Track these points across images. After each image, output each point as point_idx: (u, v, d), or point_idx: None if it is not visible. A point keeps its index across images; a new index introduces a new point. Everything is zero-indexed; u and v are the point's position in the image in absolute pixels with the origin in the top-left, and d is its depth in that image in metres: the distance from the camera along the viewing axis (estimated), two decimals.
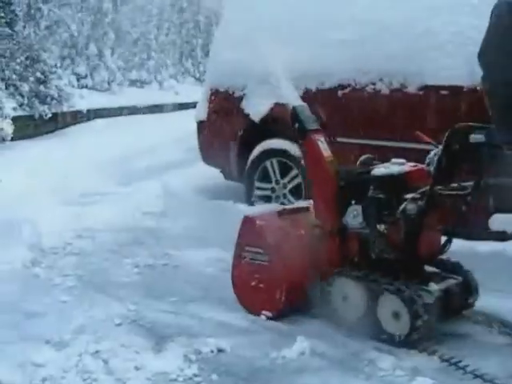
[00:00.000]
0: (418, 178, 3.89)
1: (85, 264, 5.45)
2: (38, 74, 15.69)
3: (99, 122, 17.24)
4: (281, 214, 4.42)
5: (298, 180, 5.94)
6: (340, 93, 5.69)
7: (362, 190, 3.99)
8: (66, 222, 6.43)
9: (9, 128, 12.64)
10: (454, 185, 3.79)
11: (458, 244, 4.28)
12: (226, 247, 4.83)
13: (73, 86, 19.90)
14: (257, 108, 5.84)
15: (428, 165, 3.85)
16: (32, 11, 23.06)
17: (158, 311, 4.38)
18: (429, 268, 4.08)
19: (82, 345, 3.74)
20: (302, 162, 5.62)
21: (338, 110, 5.67)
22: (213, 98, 6.75)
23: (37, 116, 14.93)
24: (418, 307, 3.65)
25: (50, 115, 15.31)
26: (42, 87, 15.59)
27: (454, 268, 4.12)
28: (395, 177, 3.92)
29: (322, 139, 4.31)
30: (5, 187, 7.39)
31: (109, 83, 22.53)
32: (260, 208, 4.84)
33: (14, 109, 13.73)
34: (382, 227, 3.94)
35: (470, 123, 3.59)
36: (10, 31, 16.67)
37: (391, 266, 3.91)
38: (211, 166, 7.46)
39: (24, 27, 20.31)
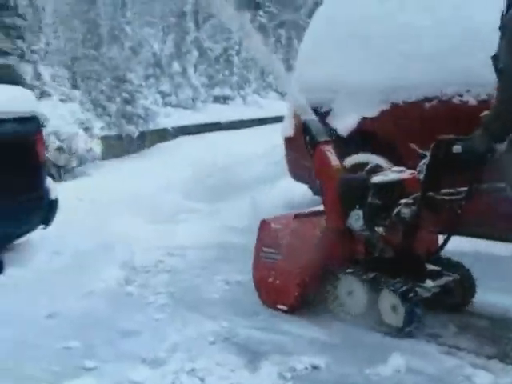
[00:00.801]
0: (412, 185, 4.25)
1: (176, 281, 5.50)
2: (125, 94, 15.99)
3: (185, 139, 17.39)
4: (297, 216, 4.90)
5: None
6: (427, 105, 5.61)
7: (364, 196, 4.37)
8: (157, 240, 6.51)
9: (97, 148, 12.91)
10: (450, 190, 4.18)
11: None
12: None
13: (158, 105, 20.17)
14: (344, 122, 5.81)
15: (419, 173, 4.18)
16: (116, 32, 23.57)
17: (250, 328, 4.40)
18: (429, 266, 4.44)
19: (177, 363, 3.79)
20: None
21: (425, 122, 5.59)
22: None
23: (124, 135, 15.20)
24: (412, 302, 4.07)
25: (136, 134, 15.56)
26: (128, 107, 15.87)
27: (454, 266, 4.52)
28: (391, 184, 4.35)
29: (331, 150, 4.73)
30: (96, 207, 7.55)
31: (193, 100, 22.74)
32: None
33: (102, 128, 14.03)
34: (380, 230, 4.38)
35: (452, 136, 3.95)
36: (95, 53, 17.05)
37: (392, 265, 4.33)
38: (299, 182, 7.45)
39: (109, 49, 20.76)
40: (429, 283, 4.29)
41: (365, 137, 5.86)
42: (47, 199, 6.13)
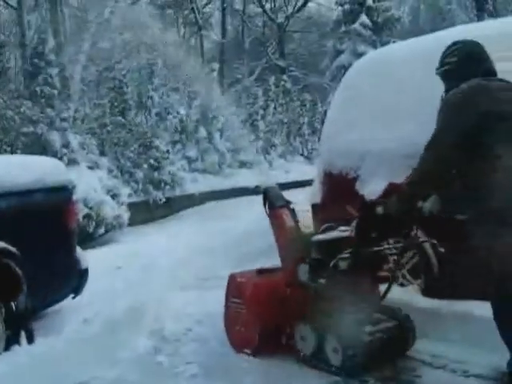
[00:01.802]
0: (348, 242, 4.72)
1: (206, 350, 5.46)
2: (152, 161, 16.16)
3: (211, 204, 17.48)
4: (259, 272, 5.53)
5: (416, 259, 5.83)
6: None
7: (307, 253, 5.00)
8: (186, 308, 6.50)
9: (125, 214, 13.02)
10: (386, 245, 4.73)
11: None
12: None
13: (184, 170, 20.34)
14: (371, 188, 5.81)
15: (351, 231, 4.69)
16: (143, 99, 23.89)
17: None
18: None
19: None
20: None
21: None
22: (326, 179, 6.76)
23: (151, 201, 15.31)
24: (350, 345, 4.57)
25: (163, 200, 15.67)
26: (155, 173, 16.03)
27: (394, 313, 5.02)
28: (327, 242, 4.91)
29: (287, 213, 5.43)
30: (125, 274, 7.57)
31: (219, 165, 22.92)
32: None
33: (130, 195, 14.16)
34: (323, 281, 4.84)
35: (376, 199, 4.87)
36: (123, 120, 17.28)
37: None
38: None
39: (136, 115, 21.02)
40: (368, 328, 4.76)
41: None
42: (78, 268, 6.18)
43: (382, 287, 5.02)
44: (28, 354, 4.88)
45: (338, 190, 6.54)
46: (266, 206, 5.58)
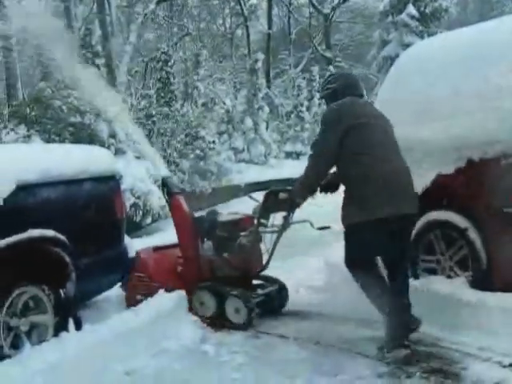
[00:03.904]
0: (247, 223, 6.19)
1: (252, 341, 5.50)
2: (198, 151, 16.20)
3: (257, 195, 17.44)
4: (155, 249, 6.78)
5: (464, 252, 5.78)
6: (504, 162, 5.51)
7: (212, 231, 6.26)
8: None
9: None
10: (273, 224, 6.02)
11: None
12: None
13: (230, 161, 20.37)
14: (419, 179, 5.76)
15: (254, 213, 6.06)
16: (189, 90, 24.00)
17: None
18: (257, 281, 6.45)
19: None
20: (468, 233, 5.57)
21: (503, 179, 5.49)
22: None
23: (197, 191, 15.36)
24: (252, 305, 5.87)
25: (209, 191, 15.71)
26: (201, 163, 16.06)
27: (274, 280, 6.42)
28: (232, 222, 6.30)
29: (183, 198, 6.48)
30: None
31: (265, 156, 22.91)
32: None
33: None
34: (226, 255, 6.14)
35: (281, 187, 6.03)
36: (169, 110, 17.34)
37: (232, 281, 6.09)
38: None
39: (182, 106, 21.11)
40: (259, 291, 6.23)
41: (440, 194, 5.81)
42: (125, 257, 6.22)
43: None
44: (76, 341, 4.95)
45: None
46: (165, 193, 6.58)
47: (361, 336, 5.34)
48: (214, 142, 17.42)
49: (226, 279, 6.13)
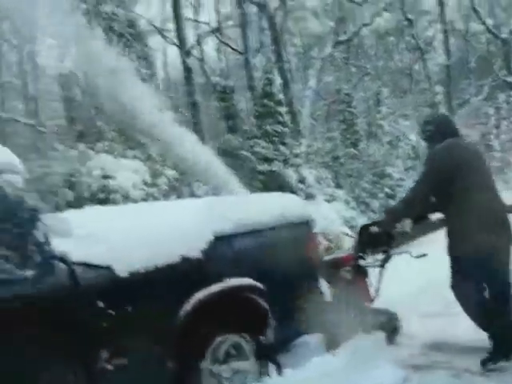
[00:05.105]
0: (348, 260, 6.60)
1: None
2: (387, 189, 16.13)
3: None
4: None
5: None
6: None
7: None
8: (432, 336, 6.36)
9: None
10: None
11: None
12: None
13: None
14: None
15: (351, 250, 6.65)
16: (372, 128, 24.01)
17: None
18: None
19: None
20: None
21: None
22: None
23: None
24: None
25: (401, 228, 15.55)
26: (391, 201, 15.98)
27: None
28: (337, 259, 6.85)
29: None
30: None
31: None
32: None
33: None
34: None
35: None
36: (354, 151, 17.44)
37: None
38: None
39: (367, 145, 21.15)
40: None
41: None
42: (322, 301, 6.26)
43: None
44: None
45: None
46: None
47: None
48: (401, 178, 17.28)
49: None
